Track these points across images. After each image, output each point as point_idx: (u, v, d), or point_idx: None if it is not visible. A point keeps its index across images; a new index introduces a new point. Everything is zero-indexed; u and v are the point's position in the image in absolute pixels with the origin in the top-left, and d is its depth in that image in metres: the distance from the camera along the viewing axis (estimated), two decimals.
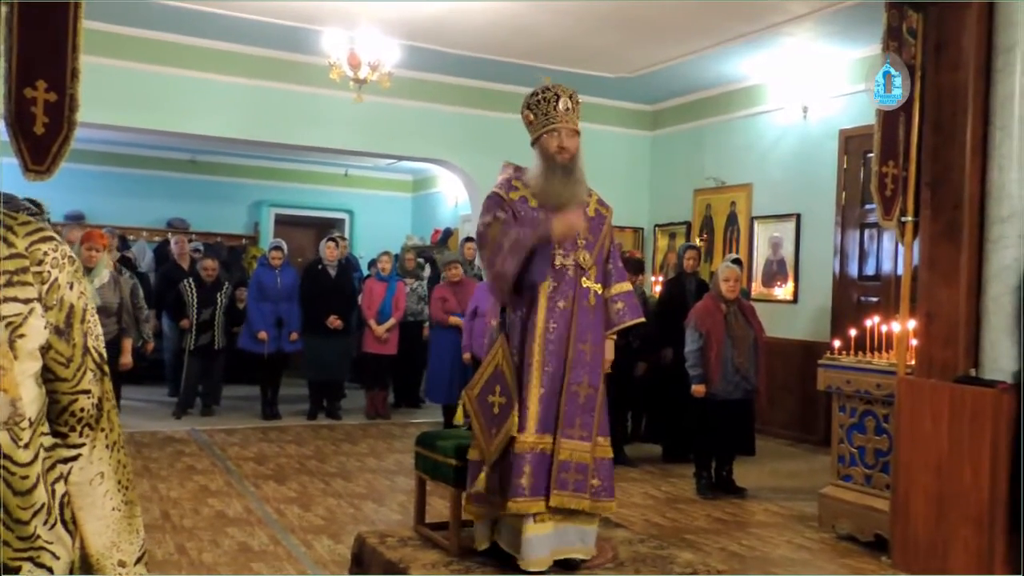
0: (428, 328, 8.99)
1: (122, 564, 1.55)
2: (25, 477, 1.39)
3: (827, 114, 8.31)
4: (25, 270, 1.42)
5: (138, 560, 1.58)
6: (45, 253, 1.45)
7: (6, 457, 1.37)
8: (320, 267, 9.01)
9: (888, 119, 4.83)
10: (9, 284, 1.39)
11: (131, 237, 12.22)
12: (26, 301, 1.40)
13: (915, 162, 4.75)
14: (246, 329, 8.88)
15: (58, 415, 1.49)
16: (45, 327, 1.43)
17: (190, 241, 11.08)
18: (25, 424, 1.40)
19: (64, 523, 1.47)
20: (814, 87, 8.32)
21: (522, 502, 3.47)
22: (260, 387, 9.04)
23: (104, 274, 6.47)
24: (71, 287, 1.48)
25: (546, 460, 3.53)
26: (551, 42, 8.02)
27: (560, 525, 3.60)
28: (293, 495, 5.87)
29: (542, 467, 3.52)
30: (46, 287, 1.44)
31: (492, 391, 3.59)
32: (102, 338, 1.57)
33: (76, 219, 11.13)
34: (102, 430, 1.53)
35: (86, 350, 1.51)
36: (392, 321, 8.93)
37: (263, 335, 8.66)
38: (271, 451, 7.32)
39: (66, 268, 1.48)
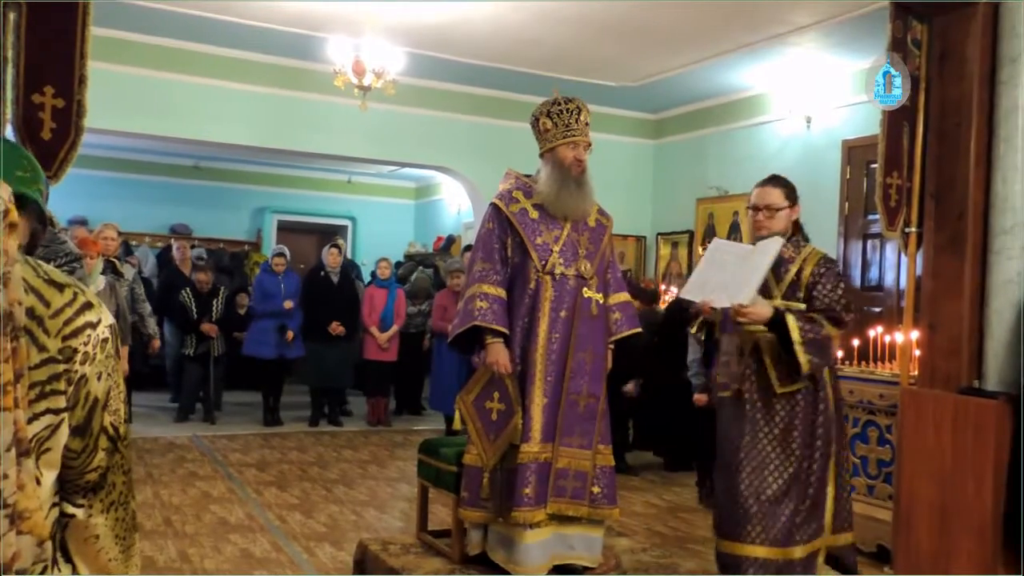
0: (428, 338, 9.03)
1: None
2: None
3: (830, 125, 8.31)
4: (58, 376, 1.25)
5: None
6: (75, 350, 1.29)
7: None
8: (323, 274, 9.03)
9: (892, 130, 4.82)
10: (41, 397, 1.24)
11: (134, 242, 12.23)
12: (57, 412, 1.27)
13: (919, 173, 4.75)
14: (250, 335, 8.89)
15: (61, 486, 1.40)
16: (68, 431, 1.31)
17: (193, 247, 11.07)
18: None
19: (65, 554, 1.42)
20: (817, 97, 8.32)
21: (527, 511, 3.47)
22: (262, 393, 9.05)
23: (100, 281, 6.39)
24: (99, 377, 1.34)
25: (547, 469, 3.54)
26: (555, 51, 8.03)
27: (560, 531, 3.60)
28: (295, 502, 5.87)
29: (544, 476, 3.52)
30: (73, 387, 1.29)
31: (490, 397, 3.59)
32: (121, 411, 1.46)
33: (79, 224, 11.13)
34: (100, 500, 1.44)
35: (101, 431, 1.39)
36: (394, 329, 8.94)
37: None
38: (273, 457, 7.32)
39: (97, 358, 1.33)
